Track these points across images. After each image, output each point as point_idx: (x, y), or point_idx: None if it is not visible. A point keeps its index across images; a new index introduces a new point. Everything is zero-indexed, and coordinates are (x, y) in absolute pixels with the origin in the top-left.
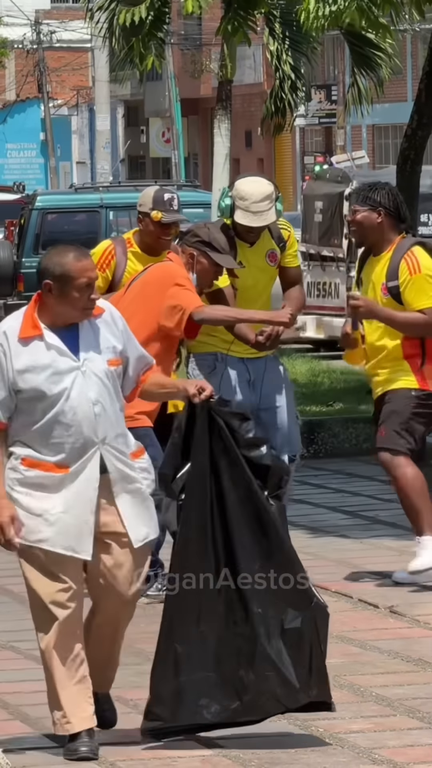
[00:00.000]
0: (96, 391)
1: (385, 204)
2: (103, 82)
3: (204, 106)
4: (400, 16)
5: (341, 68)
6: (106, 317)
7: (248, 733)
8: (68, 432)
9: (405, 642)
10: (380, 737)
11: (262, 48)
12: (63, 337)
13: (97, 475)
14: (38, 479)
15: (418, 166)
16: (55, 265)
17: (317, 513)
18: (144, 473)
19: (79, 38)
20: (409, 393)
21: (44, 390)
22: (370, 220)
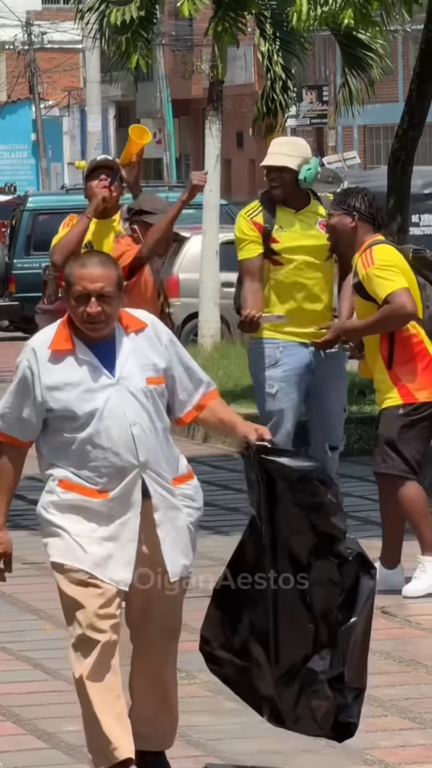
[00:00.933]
0: (134, 410)
1: (359, 208)
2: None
3: (195, 107)
4: (391, 16)
5: (332, 69)
6: (149, 332)
7: (240, 735)
8: (104, 454)
9: (397, 642)
10: (372, 738)
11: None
12: (98, 352)
13: (139, 502)
14: (76, 502)
15: (409, 167)
16: (66, 270)
17: None
18: (187, 500)
19: (70, 39)
20: (395, 412)
21: (74, 409)
22: (344, 223)
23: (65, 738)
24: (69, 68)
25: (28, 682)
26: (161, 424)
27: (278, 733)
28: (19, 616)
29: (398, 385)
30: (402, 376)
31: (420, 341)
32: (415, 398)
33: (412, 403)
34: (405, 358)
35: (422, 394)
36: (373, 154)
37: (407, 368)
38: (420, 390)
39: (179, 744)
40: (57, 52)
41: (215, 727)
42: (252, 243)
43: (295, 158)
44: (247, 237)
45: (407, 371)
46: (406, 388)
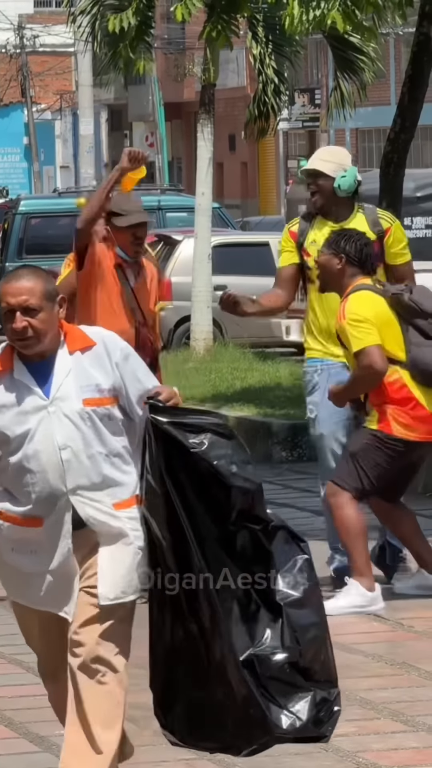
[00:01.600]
0: (64, 434)
1: (348, 251)
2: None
3: (187, 110)
4: (383, 20)
5: (324, 72)
6: (97, 350)
7: None
8: (34, 479)
9: (389, 645)
10: (364, 740)
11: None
12: (36, 372)
13: (69, 529)
14: (15, 533)
15: (401, 170)
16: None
17: (301, 516)
18: (132, 523)
19: (62, 43)
20: (369, 434)
21: (7, 432)
22: (331, 264)
23: (57, 741)
24: (61, 72)
25: (20, 685)
26: (102, 449)
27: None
28: (10, 619)
29: (380, 413)
30: (387, 409)
31: (402, 386)
32: (391, 431)
33: (387, 432)
34: (384, 399)
35: (399, 430)
36: (365, 157)
37: (388, 406)
38: (398, 426)
39: (171, 748)
40: (49, 55)
41: None
42: (286, 252)
43: (330, 164)
44: (284, 246)
45: (391, 408)
46: (386, 419)
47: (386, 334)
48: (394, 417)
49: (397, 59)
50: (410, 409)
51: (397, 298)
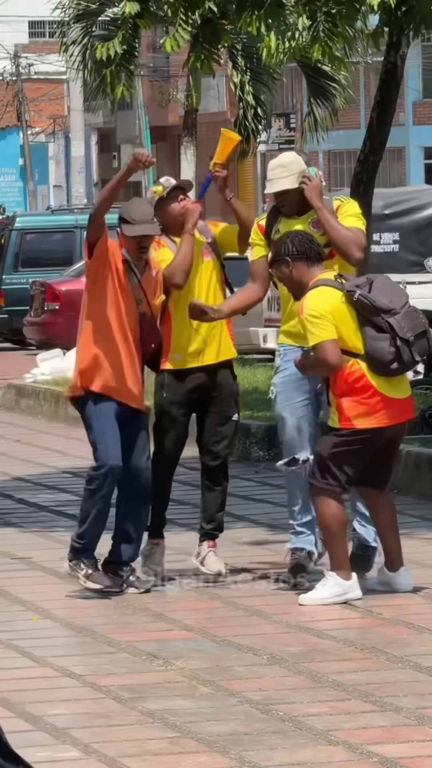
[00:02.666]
0: None
1: (290, 252)
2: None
3: (172, 133)
4: (354, 49)
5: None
6: None
7: (213, 717)
8: None
9: (359, 631)
10: (336, 720)
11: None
12: None
13: None
14: None
15: (371, 189)
16: None
17: (277, 512)
18: None
19: (55, 70)
20: (331, 433)
21: None
22: (283, 273)
23: (51, 721)
24: (54, 97)
25: (16, 668)
26: None
27: (249, 716)
28: (7, 607)
29: (339, 409)
30: (343, 403)
31: (361, 376)
32: (352, 424)
33: (349, 428)
34: (344, 390)
35: (360, 421)
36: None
37: (349, 398)
38: (358, 417)
39: (157, 726)
40: (43, 82)
41: (190, 710)
42: (256, 246)
43: (293, 176)
44: (253, 241)
45: (348, 401)
46: (344, 415)
47: (344, 328)
48: (353, 410)
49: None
50: (368, 397)
51: (349, 296)
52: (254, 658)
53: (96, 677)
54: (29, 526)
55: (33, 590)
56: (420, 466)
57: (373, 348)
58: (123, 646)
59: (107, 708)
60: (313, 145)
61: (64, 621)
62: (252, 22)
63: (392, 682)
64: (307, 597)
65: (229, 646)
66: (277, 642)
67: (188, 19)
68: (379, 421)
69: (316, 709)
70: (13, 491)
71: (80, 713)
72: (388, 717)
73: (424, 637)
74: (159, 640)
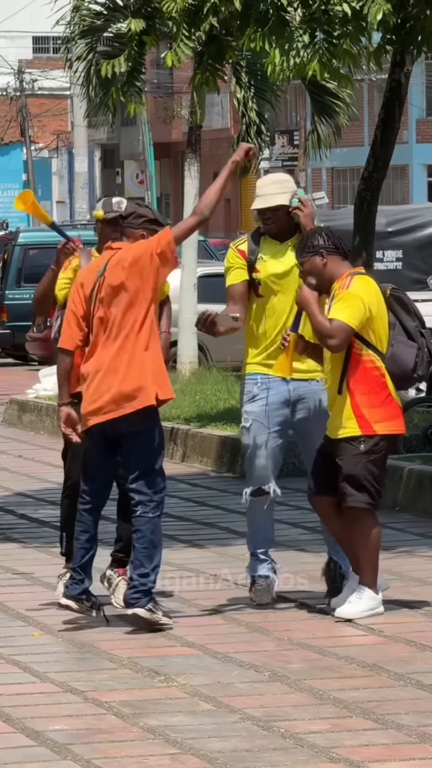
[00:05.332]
0: None
1: (324, 245)
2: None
3: (175, 149)
4: (359, 67)
5: (303, 115)
6: None
7: (215, 734)
8: None
9: (361, 649)
10: (337, 737)
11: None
12: None
13: None
14: None
15: (374, 206)
16: None
17: (279, 528)
18: None
19: (59, 86)
20: (356, 449)
21: None
22: (315, 264)
23: (52, 736)
24: (58, 113)
25: (18, 684)
26: None
27: (250, 733)
28: (9, 622)
29: (357, 415)
30: (362, 406)
31: (381, 375)
32: (374, 431)
33: (370, 435)
34: (365, 388)
35: (380, 426)
36: (340, 194)
37: (367, 399)
38: (379, 422)
39: (158, 742)
40: (47, 98)
41: (191, 727)
42: (237, 269)
43: (286, 194)
44: (233, 264)
45: (367, 402)
46: (365, 419)
47: (379, 323)
48: (374, 416)
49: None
50: (385, 400)
51: (397, 293)
52: (256, 675)
53: (97, 693)
54: (31, 542)
55: (34, 606)
56: (422, 484)
57: (401, 351)
58: (124, 662)
59: (108, 724)
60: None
61: (65, 637)
62: (256, 38)
63: (394, 699)
64: (344, 610)
65: (230, 662)
66: (278, 659)
67: (191, 35)
68: (397, 426)
69: (318, 726)
70: (15, 506)
71: (81, 729)
72: (389, 735)
73: (426, 654)
74: (160, 656)
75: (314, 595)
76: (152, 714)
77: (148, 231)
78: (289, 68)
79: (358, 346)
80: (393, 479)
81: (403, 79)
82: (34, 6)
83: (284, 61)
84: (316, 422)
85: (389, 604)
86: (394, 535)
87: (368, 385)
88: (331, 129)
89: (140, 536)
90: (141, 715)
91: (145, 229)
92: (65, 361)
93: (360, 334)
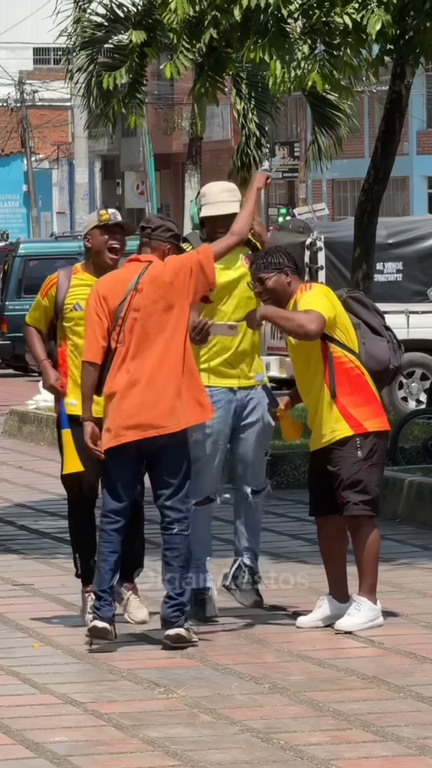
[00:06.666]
0: None
1: (286, 263)
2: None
3: (175, 160)
4: (359, 79)
5: (303, 126)
6: None
7: (214, 746)
8: None
9: (360, 661)
10: (337, 749)
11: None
12: None
13: None
14: None
15: (375, 218)
16: None
17: (279, 540)
18: None
19: (59, 97)
20: (353, 454)
21: None
22: (281, 282)
23: (51, 748)
24: (58, 124)
25: (17, 695)
26: None
27: (250, 745)
28: (9, 634)
29: (346, 416)
30: (348, 407)
31: (360, 374)
32: (364, 428)
33: (362, 433)
34: (348, 389)
35: (370, 423)
36: (340, 206)
37: (352, 399)
38: (367, 420)
39: (158, 754)
40: (47, 109)
41: (191, 739)
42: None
43: (237, 203)
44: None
45: (353, 402)
46: (354, 419)
47: (346, 323)
48: (362, 414)
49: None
50: (369, 398)
51: (353, 294)
52: (255, 687)
53: (97, 704)
54: (31, 553)
55: (34, 617)
56: (422, 495)
57: (373, 346)
58: (124, 673)
59: (108, 735)
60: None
61: (65, 648)
62: (256, 50)
63: (393, 711)
64: (343, 623)
65: (230, 674)
66: (278, 671)
67: (192, 46)
68: (383, 424)
69: (317, 738)
70: (15, 518)
71: (81, 740)
72: (389, 747)
73: (426, 666)
74: (160, 668)
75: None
76: (152, 726)
77: (173, 246)
78: (289, 80)
79: (333, 348)
80: (393, 491)
81: (403, 90)
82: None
83: (284, 72)
84: (257, 429)
85: (389, 615)
86: (394, 547)
87: (351, 386)
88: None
89: (177, 554)
90: (141, 726)
91: (171, 244)
92: (92, 374)
93: (332, 336)
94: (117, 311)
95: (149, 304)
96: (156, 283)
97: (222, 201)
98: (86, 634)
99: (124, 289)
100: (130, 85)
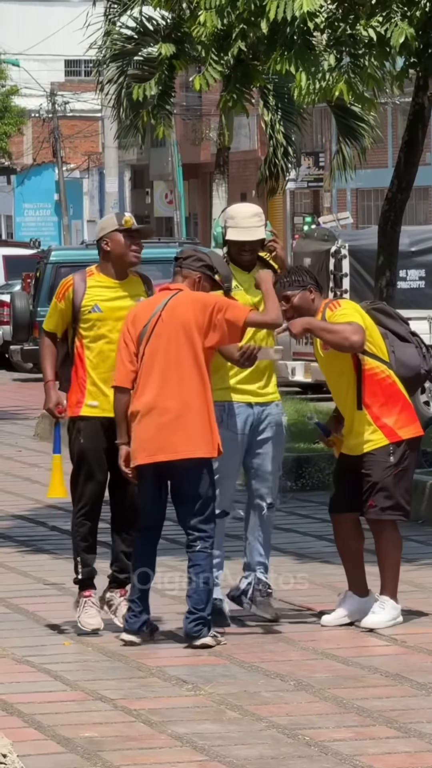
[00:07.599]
0: None
1: (309, 281)
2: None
3: (203, 170)
4: (383, 90)
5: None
6: None
7: (241, 741)
8: None
9: (384, 659)
10: (361, 745)
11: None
12: None
13: None
14: None
15: (398, 227)
16: None
17: (304, 541)
18: None
19: (90, 108)
20: (386, 459)
21: None
22: (306, 299)
23: (82, 743)
24: (89, 134)
25: (49, 692)
26: None
27: (276, 741)
28: (40, 632)
29: (380, 426)
30: (382, 416)
31: (392, 383)
32: (398, 437)
33: (397, 441)
34: (381, 400)
35: (404, 431)
36: (364, 214)
37: (386, 409)
38: (402, 428)
39: (186, 749)
40: (78, 119)
41: (218, 734)
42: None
43: (263, 227)
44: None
45: (386, 412)
46: (388, 428)
47: (375, 334)
48: (396, 422)
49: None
50: (402, 407)
51: (376, 305)
52: (281, 684)
53: (126, 701)
54: (62, 553)
55: (65, 615)
56: None
57: (403, 353)
58: (153, 670)
59: (137, 731)
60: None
61: (95, 646)
62: (282, 62)
63: (416, 708)
64: (368, 621)
65: (256, 671)
66: (303, 668)
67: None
68: (417, 430)
69: (342, 734)
70: (46, 519)
71: (111, 736)
72: (411, 743)
73: None
74: (188, 665)
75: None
76: (180, 722)
77: (204, 276)
78: (314, 91)
79: (364, 359)
80: (415, 493)
81: (426, 102)
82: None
83: (309, 84)
84: (272, 445)
85: (411, 615)
86: (416, 548)
87: (383, 396)
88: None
89: (200, 570)
90: (169, 722)
91: (203, 274)
92: (122, 398)
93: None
94: (140, 336)
95: (170, 332)
96: (177, 312)
97: (251, 226)
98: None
99: (150, 315)
100: (159, 97)
